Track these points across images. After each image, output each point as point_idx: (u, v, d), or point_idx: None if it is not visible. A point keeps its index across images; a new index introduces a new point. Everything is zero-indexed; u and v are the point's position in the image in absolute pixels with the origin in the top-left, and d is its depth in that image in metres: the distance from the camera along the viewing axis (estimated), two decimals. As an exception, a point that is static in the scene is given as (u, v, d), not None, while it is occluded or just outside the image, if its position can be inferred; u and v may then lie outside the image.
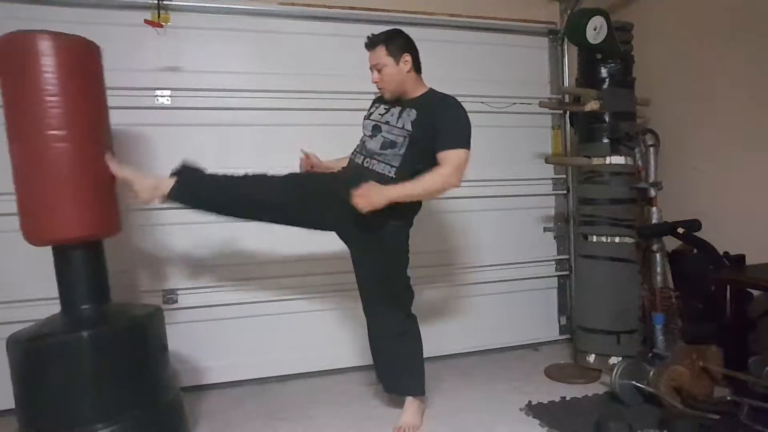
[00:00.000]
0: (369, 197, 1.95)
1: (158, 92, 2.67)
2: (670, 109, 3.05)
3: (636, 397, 2.37)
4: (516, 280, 3.33)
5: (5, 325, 2.26)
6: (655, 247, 2.89)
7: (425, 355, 2.32)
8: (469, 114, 2.04)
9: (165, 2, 2.61)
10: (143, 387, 1.98)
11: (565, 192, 3.45)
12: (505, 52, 3.30)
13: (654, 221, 2.90)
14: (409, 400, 2.31)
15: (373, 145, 2.14)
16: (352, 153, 2.26)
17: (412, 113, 2.10)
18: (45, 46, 1.82)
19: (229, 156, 2.78)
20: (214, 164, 2.73)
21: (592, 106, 2.78)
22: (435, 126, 2.05)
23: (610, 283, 2.78)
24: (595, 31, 2.69)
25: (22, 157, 1.88)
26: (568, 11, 3.29)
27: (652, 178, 2.94)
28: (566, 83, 3.37)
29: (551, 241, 3.46)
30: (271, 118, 2.84)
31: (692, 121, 2.94)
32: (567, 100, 3.16)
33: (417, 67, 2.16)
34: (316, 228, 2.28)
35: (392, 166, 2.08)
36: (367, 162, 2.14)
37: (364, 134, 2.22)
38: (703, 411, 2.14)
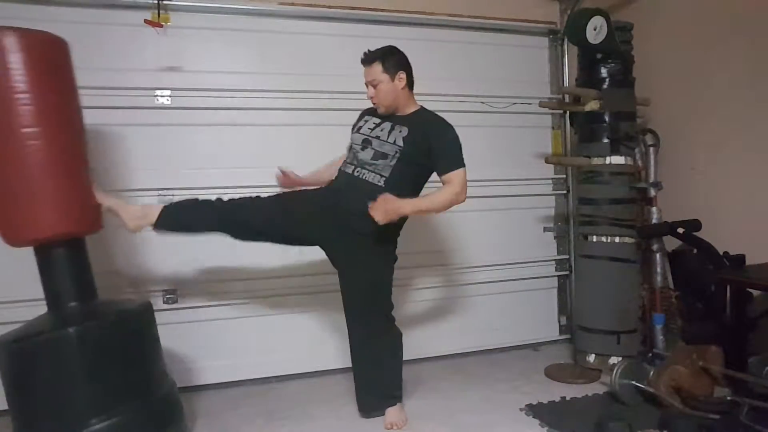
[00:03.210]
0: (385, 210, 2.01)
1: (158, 92, 2.67)
2: (670, 109, 3.05)
3: (636, 397, 2.37)
4: (516, 280, 3.33)
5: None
6: (655, 247, 2.89)
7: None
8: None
9: (165, 2, 2.61)
10: (135, 380, 1.97)
11: (565, 192, 3.45)
12: (505, 52, 3.30)
13: (654, 221, 2.90)
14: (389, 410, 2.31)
15: (365, 155, 2.20)
16: (342, 164, 2.29)
17: (404, 130, 2.17)
18: (10, 42, 1.78)
19: (229, 156, 2.79)
20: (213, 164, 2.77)
21: (592, 106, 2.78)
22: (430, 147, 2.14)
23: (610, 283, 2.78)
24: (595, 31, 2.69)
25: None
26: (568, 11, 3.29)
27: (652, 178, 2.94)
28: (566, 83, 3.36)
29: (551, 241, 3.46)
30: (270, 118, 2.84)
31: (692, 121, 2.94)
32: (567, 100, 3.16)
33: (410, 84, 2.23)
34: (300, 245, 2.40)
35: (382, 176, 2.15)
36: (357, 171, 2.19)
37: (354, 146, 2.26)
38: (703, 411, 2.14)
